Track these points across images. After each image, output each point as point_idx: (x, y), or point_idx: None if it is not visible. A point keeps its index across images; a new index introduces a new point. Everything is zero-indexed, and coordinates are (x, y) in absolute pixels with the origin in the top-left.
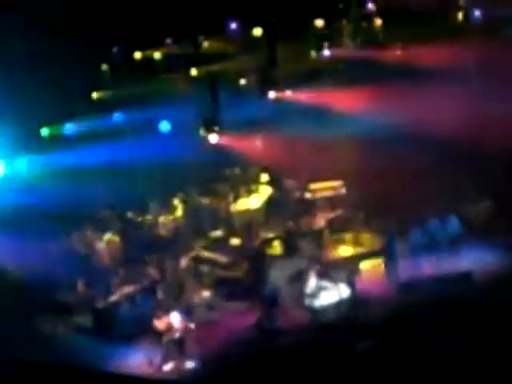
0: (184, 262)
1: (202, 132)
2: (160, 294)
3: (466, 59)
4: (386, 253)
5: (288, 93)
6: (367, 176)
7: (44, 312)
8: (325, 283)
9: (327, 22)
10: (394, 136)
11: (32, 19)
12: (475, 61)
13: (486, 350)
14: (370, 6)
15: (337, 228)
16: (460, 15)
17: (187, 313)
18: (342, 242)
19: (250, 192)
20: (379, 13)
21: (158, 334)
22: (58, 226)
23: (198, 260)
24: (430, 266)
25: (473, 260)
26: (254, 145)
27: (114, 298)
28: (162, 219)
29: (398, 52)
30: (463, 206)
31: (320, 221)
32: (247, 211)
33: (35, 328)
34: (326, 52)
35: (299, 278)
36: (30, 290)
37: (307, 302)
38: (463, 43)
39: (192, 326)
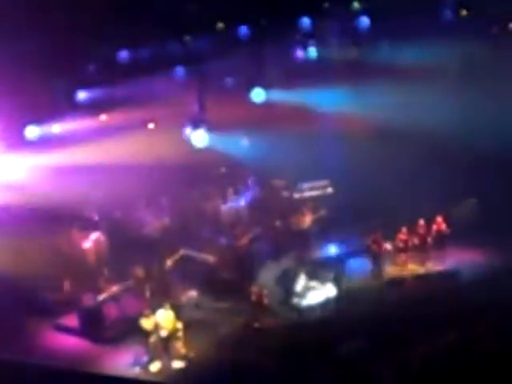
0: (171, 261)
1: (188, 132)
2: (147, 294)
3: (452, 57)
4: (372, 252)
5: (275, 92)
6: (355, 175)
7: (30, 312)
8: (312, 283)
9: (313, 21)
10: (382, 135)
11: (22, 20)
12: (465, 59)
13: (473, 348)
14: (356, 5)
15: (324, 227)
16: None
17: (174, 312)
18: (329, 241)
19: (237, 192)
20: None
21: (144, 334)
22: (45, 226)
23: (185, 259)
24: (416, 265)
25: (459, 259)
26: (241, 144)
27: (100, 297)
28: (148, 219)
29: (384, 50)
30: (450, 206)
31: (308, 220)
32: (234, 211)
33: (21, 328)
34: (313, 51)
35: (287, 277)
36: (17, 290)
37: (295, 301)
38: (452, 40)
39: (179, 325)
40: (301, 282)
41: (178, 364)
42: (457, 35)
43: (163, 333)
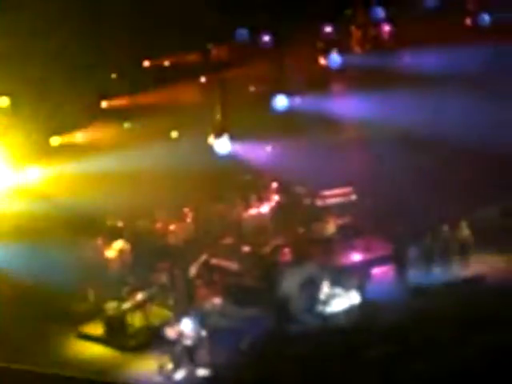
0: (195, 269)
1: (211, 140)
2: (171, 302)
3: (473, 63)
4: (397, 259)
5: (297, 100)
6: (378, 182)
7: (56, 320)
8: (336, 290)
9: (335, 28)
10: (405, 142)
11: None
12: (485, 65)
13: (500, 355)
14: (378, 11)
15: (347, 234)
16: (468, 20)
17: (199, 320)
18: (352, 248)
19: (260, 199)
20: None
21: (169, 342)
22: (70, 235)
23: (208, 267)
24: (441, 272)
25: (483, 264)
26: (264, 152)
27: (125, 306)
28: (172, 227)
29: (407, 58)
30: (473, 211)
31: (331, 227)
32: (258, 218)
33: (46, 336)
34: (335, 58)
35: (310, 284)
36: (43, 299)
37: (319, 308)
38: (471, 47)
39: (204, 333)
40: (325, 290)
41: (202, 372)
42: (478, 41)
43: (187, 341)
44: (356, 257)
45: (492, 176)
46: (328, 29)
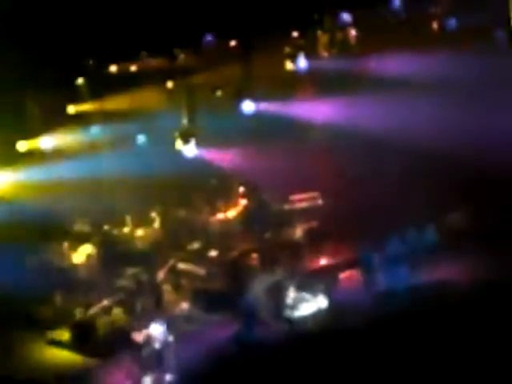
0: (162, 274)
1: (178, 144)
2: (138, 307)
3: (441, 69)
4: (363, 263)
5: (264, 104)
6: (344, 186)
7: (21, 326)
8: (304, 294)
9: (302, 33)
10: (371, 146)
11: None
12: (451, 70)
13: (463, 358)
14: (345, 16)
15: (314, 239)
16: (435, 24)
17: (166, 325)
18: (319, 252)
19: (227, 204)
20: (354, 23)
21: (136, 347)
22: (36, 239)
23: (175, 272)
24: (406, 276)
25: (449, 269)
26: (231, 157)
27: (92, 311)
28: (139, 232)
29: (373, 62)
30: (439, 215)
31: (298, 232)
32: (225, 223)
33: (12, 342)
34: (302, 63)
35: (278, 289)
36: (7, 304)
37: (286, 313)
38: (438, 52)
39: (171, 338)
40: (292, 294)
41: (169, 377)
42: (445, 46)
43: (156, 345)
44: (323, 261)
45: (459, 180)
46: (295, 33)
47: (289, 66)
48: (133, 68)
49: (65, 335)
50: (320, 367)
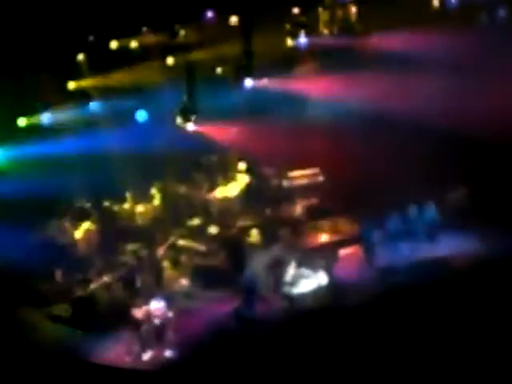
0: (161, 250)
1: (178, 121)
2: (138, 283)
3: (441, 46)
4: (364, 239)
5: (264, 81)
6: (345, 163)
7: (21, 302)
8: (304, 271)
9: (303, 10)
10: (372, 123)
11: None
12: (451, 48)
13: (463, 335)
14: None
15: (315, 215)
16: (436, 0)
17: (166, 301)
18: (320, 229)
19: (227, 180)
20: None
21: (136, 323)
22: (36, 216)
23: (175, 249)
24: (407, 253)
25: (449, 246)
26: (231, 133)
27: (92, 287)
28: (139, 208)
29: (374, 39)
30: (440, 193)
31: (298, 209)
32: (224, 199)
33: (12, 318)
34: (303, 40)
35: (278, 266)
36: (7, 280)
37: (286, 289)
38: (439, 30)
39: (170, 314)
40: (291, 271)
41: (169, 353)
42: (448, 24)
43: (156, 321)
44: (323, 238)
45: (460, 157)
46: (296, 10)
47: (289, 42)
48: (133, 44)
49: (65, 311)
50: (320, 343)
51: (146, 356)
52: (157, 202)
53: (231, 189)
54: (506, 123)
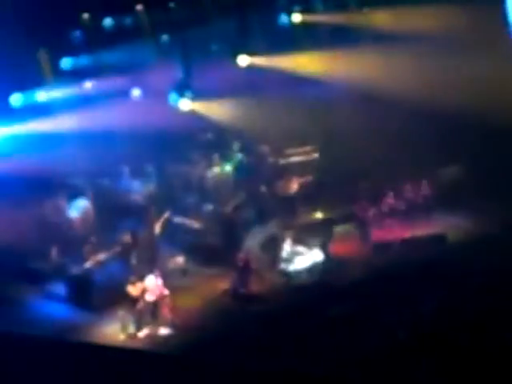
0: (157, 228)
1: (174, 98)
2: (133, 260)
3: (435, 23)
4: (359, 217)
5: (259, 58)
6: (341, 140)
7: (17, 280)
8: (299, 248)
9: None
10: (368, 100)
11: None
12: (441, 25)
13: (457, 311)
14: None
15: (310, 193)
16: None
17: (161, 279)
18: (315, 206)
19: (222, 158)
20: None
21: (132, 301)
22: (31, 194)
23: (171, 226)
24: (403, 230)
25: (444, 223)
26: (227, 110)
27: (87, 265)
28: (134, 185)
29: (367, 16)
30: (435, 170)
31: (294, 186)
32: (220, 177)
33: (8, 296)
34: (297, 16)
35: (273, 243)
36: (3, 258)
37: (281, 266)
38: (431, 7)
39: (166, 291)
40: (287, 248)
41: (164, 331)
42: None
43: (150, 297)
44: (319, 215)
45: (455, 134)
46: None
47: (284, 19)
48: (128, 21)
49: (61, 289)
50: (315, 319)
51: (142, 334)
52: (152, 179)
53: (227, 166)
54: (498, 95)
